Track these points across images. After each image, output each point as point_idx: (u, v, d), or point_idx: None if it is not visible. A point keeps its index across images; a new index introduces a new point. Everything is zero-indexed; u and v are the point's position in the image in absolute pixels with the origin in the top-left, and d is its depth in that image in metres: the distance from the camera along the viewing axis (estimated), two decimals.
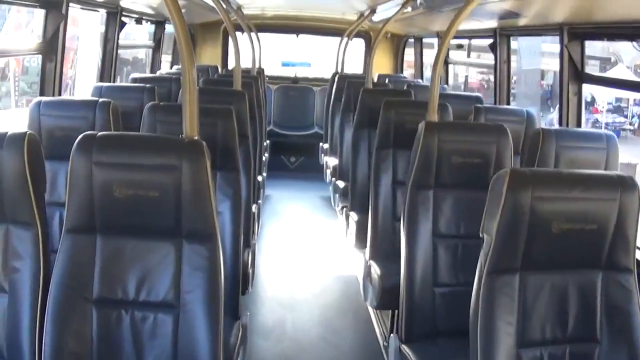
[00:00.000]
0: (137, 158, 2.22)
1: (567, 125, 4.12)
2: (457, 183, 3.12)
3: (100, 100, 3.37)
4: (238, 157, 3.43)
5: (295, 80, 9.88)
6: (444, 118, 4.43)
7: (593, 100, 16.47)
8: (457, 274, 3.07)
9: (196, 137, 2.31)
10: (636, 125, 17.94)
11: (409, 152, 3.26)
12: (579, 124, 4.16)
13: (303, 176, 9.11)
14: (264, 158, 6.56)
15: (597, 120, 17.40)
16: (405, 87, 6.25)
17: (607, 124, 17.27)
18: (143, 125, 3.41)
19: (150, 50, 7.07)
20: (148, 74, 6.52)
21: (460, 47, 6.36)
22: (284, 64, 10.10)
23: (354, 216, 4.84)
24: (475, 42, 7.38)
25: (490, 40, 5.60)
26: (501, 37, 5.40)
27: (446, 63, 7.35)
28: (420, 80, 8.06)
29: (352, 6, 7.58)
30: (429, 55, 8.76)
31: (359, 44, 9.46)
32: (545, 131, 3.34)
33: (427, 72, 8.62)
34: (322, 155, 7.91)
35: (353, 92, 6.23)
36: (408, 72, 9.61)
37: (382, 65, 9.46)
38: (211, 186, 2.23)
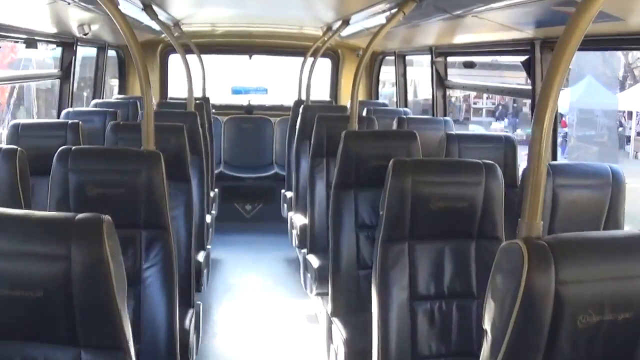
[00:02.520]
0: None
1: None
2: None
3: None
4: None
5: (249, 109, 8.35)
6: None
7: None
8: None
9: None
10: (605, 138, 18.27)
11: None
12: None
13: (261, 228, 7.55)
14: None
15: (566, 135, 17.44)
16: (396, 122, 5.13)
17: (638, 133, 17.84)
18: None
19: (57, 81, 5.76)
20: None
21: (470, 65, 4.84)
22: (235, 91, 8.49)
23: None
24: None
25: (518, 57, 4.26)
26: (544, 50, 3.85)
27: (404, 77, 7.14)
28: (407, 110, 6.51)
29: (318, 18, 6.19)
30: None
31: (320, 63, 7.75)
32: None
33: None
34: (285, 206, 6.41)
35: (326, 131, 4.92)
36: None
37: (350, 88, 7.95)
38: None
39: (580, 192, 3.26)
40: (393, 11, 3.87)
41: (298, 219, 5.41)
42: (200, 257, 4.18)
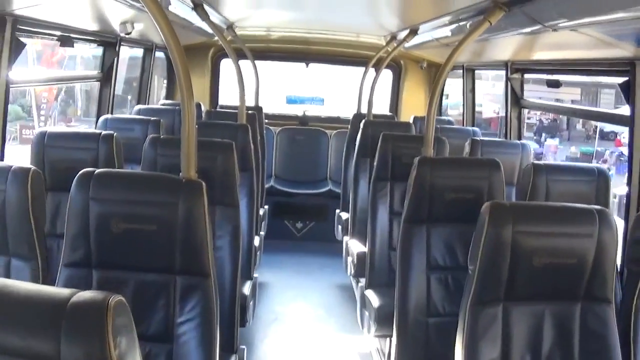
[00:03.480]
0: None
1: None
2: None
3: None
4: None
5: (304, 121, 7.83)
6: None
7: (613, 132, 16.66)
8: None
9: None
10: None
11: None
12: None
13: (313, 249, 7.03)
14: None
15: (621, 154, 16.65)
16: (469, 145, 4.69)
17: None
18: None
19: (97, 84, 5.24)
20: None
21: (555, 85, 4.27)
22: (290, 101, 8.00)
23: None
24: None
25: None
26: None
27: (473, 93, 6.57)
28: (477, 130, 5.94)
29: (382, 26, 5.74)
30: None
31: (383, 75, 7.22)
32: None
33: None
34: (340, 228, 5.88)
35: (392, 151, 4.47)
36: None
37: (413, 103, 7.54)
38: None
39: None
40: (476, 20, 3.35)
41: (355, 246, 4.95)
42: (247, 289, 3.79)
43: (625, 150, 17.03)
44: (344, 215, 5.78)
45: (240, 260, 3.36)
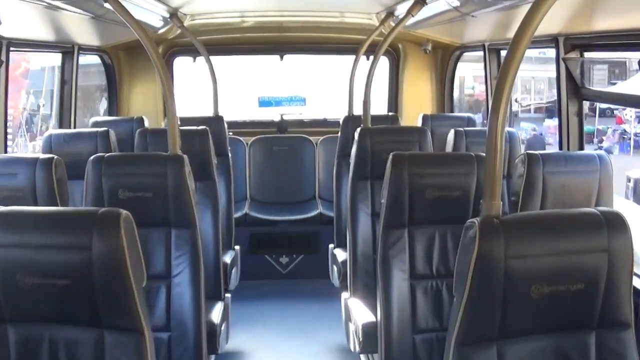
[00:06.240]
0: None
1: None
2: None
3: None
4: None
5: (282, 127, 6.43)
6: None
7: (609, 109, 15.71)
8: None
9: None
10: None
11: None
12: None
13: (303, 289, 5.64)
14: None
15: (624, 132, 16.36)
16: (524, 166, 3.45)
17: (636, 134, 16.62)
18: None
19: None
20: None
21: None
22: (263, 103, 6.58)
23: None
24: None
25: None
26: None
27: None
28: (513, 132, 4.58)
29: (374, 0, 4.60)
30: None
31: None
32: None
33: None
34: (335, 270, 4.59)
35: (408, 178, 3.22)
36: None
37: (418, 97, 6.25)
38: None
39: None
40: None
41: (358, 311, 3.64)
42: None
43: (627, 127, 16.43)
44: (340, 255, 4.46)
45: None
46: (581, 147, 3.88)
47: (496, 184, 1.90)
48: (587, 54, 3.76)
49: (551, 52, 3.96)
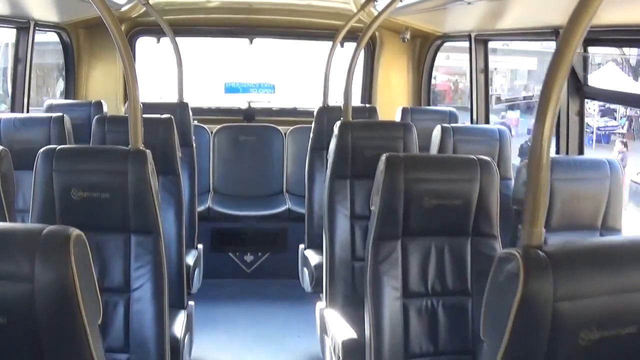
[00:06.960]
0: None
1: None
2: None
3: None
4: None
5: (250, 115, 6.04)
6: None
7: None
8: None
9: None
10: (625, 129, 18.06)
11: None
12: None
13: (270, 290, 5.30)
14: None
15: (587, 125, 16.27)
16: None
17: (598, 128, 17.62)
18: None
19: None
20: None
21: None
22: (229, 89, 6.17)
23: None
24: None
25: None
26: None
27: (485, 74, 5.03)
28: (503, 130, 4.33)
29: None
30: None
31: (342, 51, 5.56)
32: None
33: None
34: (305, 274, 4.32)
35: (404, 184, 2.96)
36: None
37: (393, 88, 5.96)
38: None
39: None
40: None
41: (336, 326, 3.33)
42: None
43: (590, 120, 16.83)
44: (313, 258, 4.16)
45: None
46: (581, 151, 3.63)
47: (540, 207, 1.59)
48: (591, 49, 3.50)
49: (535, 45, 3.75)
